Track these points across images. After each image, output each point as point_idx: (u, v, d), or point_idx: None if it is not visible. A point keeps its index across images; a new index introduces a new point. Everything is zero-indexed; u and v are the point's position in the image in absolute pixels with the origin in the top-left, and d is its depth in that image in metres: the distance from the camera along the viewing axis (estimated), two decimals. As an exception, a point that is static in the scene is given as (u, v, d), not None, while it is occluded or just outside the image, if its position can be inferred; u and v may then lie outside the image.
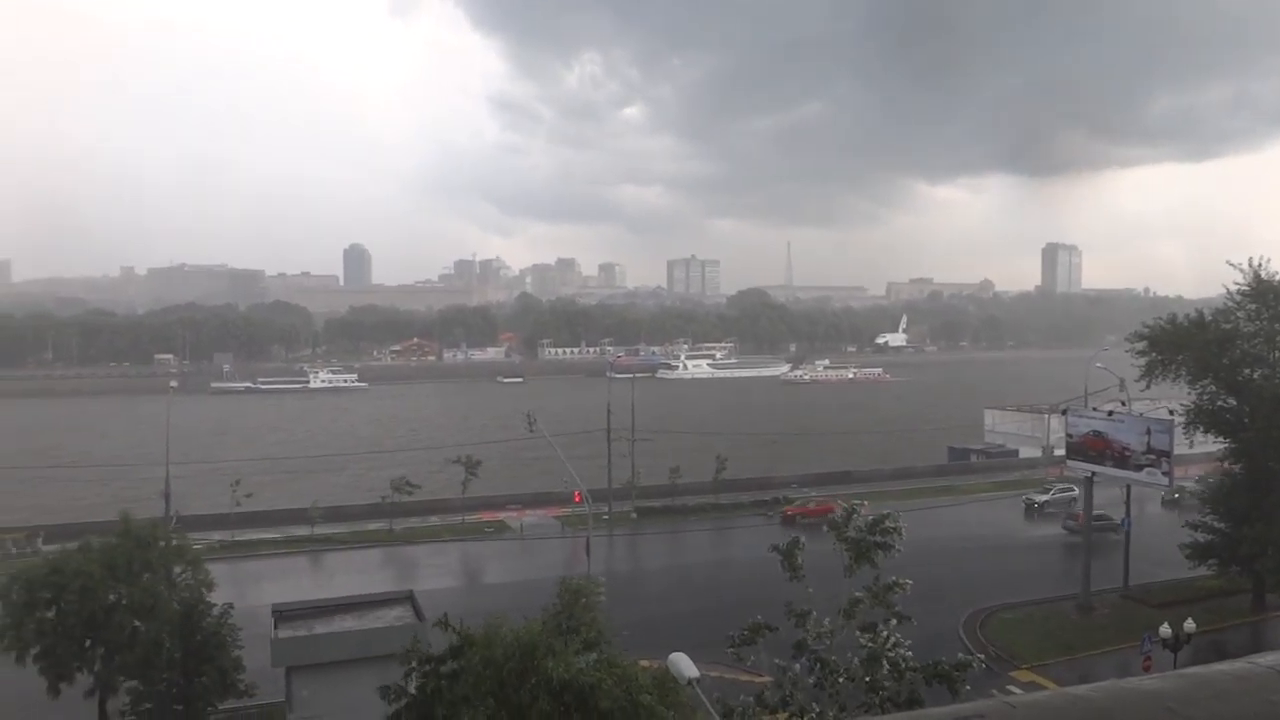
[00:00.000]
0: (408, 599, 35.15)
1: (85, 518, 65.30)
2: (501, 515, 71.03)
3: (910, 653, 21.65)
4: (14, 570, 33.01)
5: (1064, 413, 55.67)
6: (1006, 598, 49.25)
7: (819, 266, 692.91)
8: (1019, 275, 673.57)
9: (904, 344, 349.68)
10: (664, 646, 19.75)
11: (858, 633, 22.33)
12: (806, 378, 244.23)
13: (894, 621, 22.39)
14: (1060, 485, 74.48)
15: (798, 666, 22.51)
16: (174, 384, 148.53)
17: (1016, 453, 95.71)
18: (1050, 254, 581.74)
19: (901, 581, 23.33)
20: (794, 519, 68.01)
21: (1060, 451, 67.94)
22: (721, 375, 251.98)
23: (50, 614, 30.26)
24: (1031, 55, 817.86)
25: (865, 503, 25.94)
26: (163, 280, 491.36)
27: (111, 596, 30.50)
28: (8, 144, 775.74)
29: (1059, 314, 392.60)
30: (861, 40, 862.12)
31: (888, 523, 24.36)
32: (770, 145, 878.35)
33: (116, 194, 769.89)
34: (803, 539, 25.34)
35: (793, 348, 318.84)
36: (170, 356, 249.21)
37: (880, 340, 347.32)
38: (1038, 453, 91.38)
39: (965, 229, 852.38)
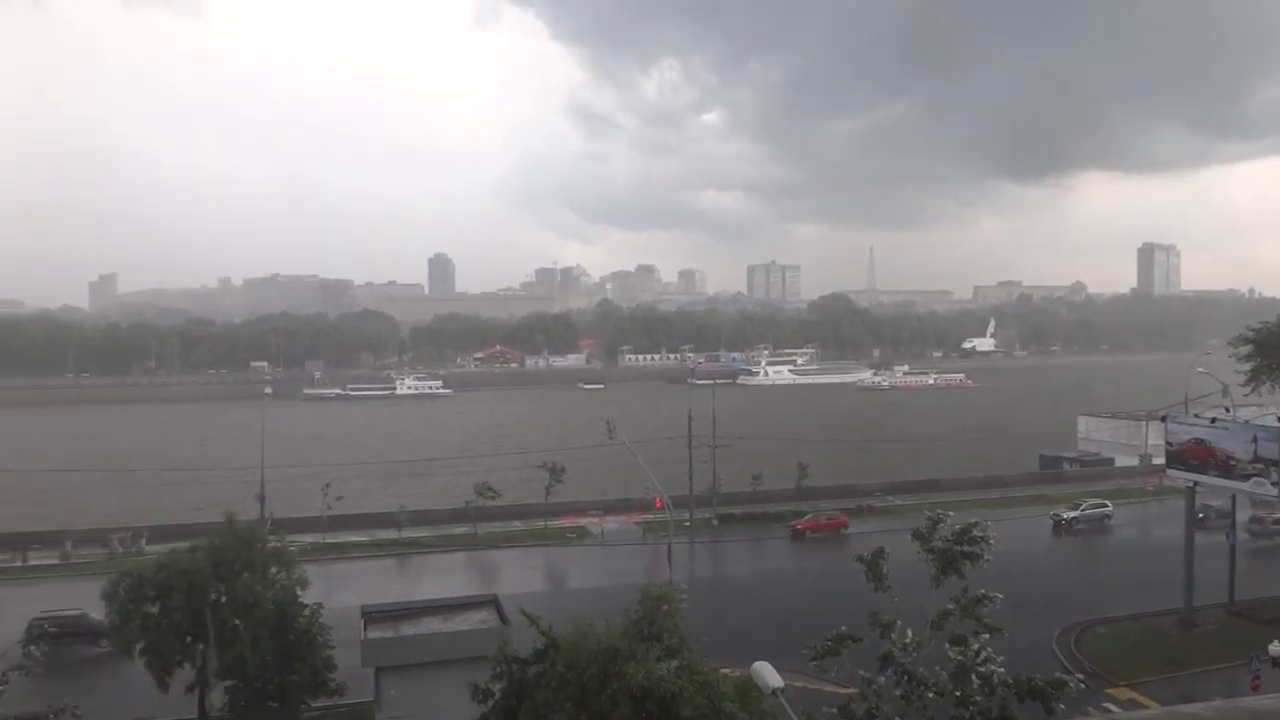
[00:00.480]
0: (492, 603, 35.59)
1: (186, 519, 68.05)
2: (583, 521, 71.48)
3: (1001, 668, 21.04)
4: (122, 569, 34.41)
5: (1163, 419, 53.46)
6: (1102, 611, 47.53)
7: (903, 270, 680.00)
8: (1113, 277, 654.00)
9: (992, 348, 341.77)
10: (746, 655, 19.60)
11: (946, 645, 21.79)
12: (885, 384, 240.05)
13: (986, 635, 21.76)
14: (1091, 501, 70.97)
15: (883, 679, 22.07)
16: (268, 391, 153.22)
17: (1112, 461, 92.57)
18: (1146, 254, 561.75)
19: (991, 594, 22.71)
20: (804, 534, 66.70)
21: (1159, 460, 65.35)
22: (803, 381, 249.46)
23: (154, 609, 31.44)
24: (1126, 48, 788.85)
25: (951, 512, 25.27)
26: (257, 290, 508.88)
27: (212, 595, 31.57)
28: (115, 163, 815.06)
29: (1156, 317, 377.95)
30: (943, 36, 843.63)
31: (975, 532, 23.75)
32: (851, 148, 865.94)
33: (215, 209, 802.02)
34: (887, 549, 24.86)
35: (876, 353, 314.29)
36: (264, 364, 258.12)
37: (967, 345, 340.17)
38: (1135, 461, 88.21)
39: (1055, 230, 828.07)
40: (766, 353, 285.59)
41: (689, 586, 32.65)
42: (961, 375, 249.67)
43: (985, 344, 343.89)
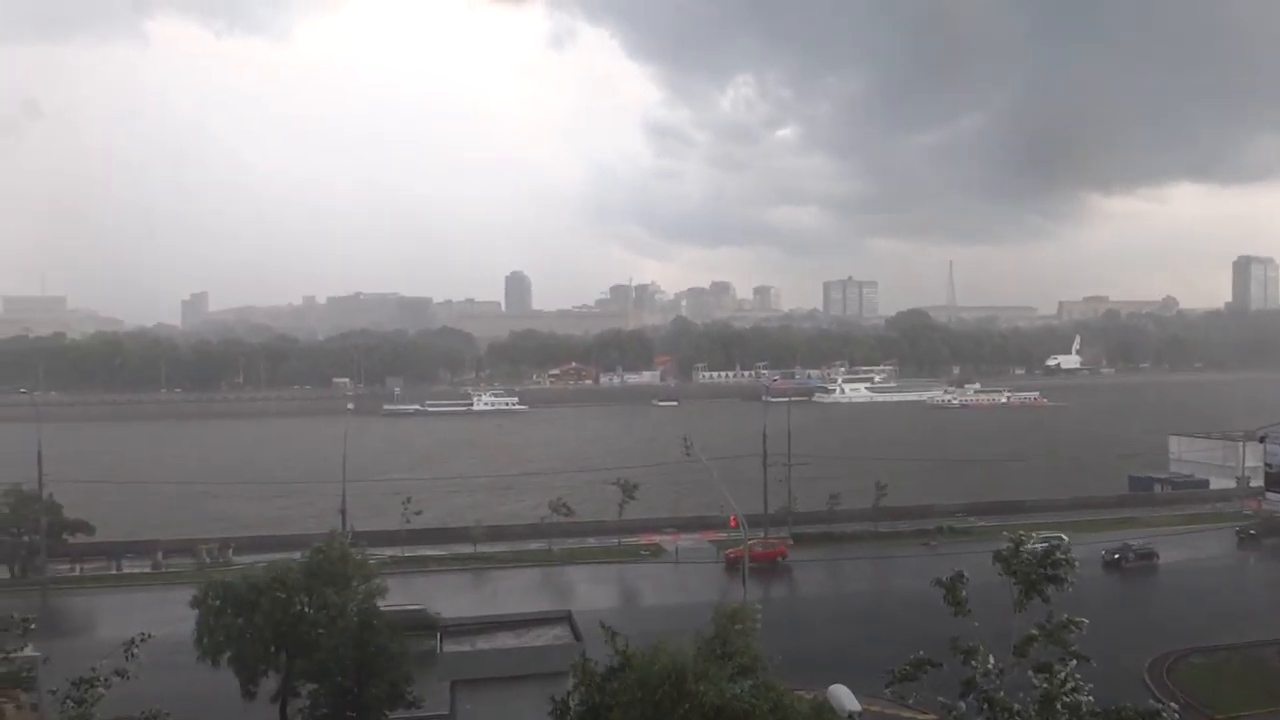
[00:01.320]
0: (565, 619, 35.74)
1: (271, 531, 70.06)
2: (657, 538, 71.42)
3: (1090, 696, 20.26)
4: (210, 578, 35.42)
5: (1262, 440, 51.34)
6: (1199, 640, 45.58)
7: (984, 286, 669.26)
8: (1207, 292, 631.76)
9: (1077, 366, 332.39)
10: (820, 677, 19.32)
11: (1031, 672, 21.09)
12: (955, 402, 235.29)
13: (1072, 662, 21.00)
14: (1043, 535, 66.12)
15: (963, 705, 21.45)
16: (350, 406, 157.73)
17: (1207, 483, 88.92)
18: (1243, 268, 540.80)
19: (1077, 619, 21.92)
20: (736, 563, 63.69)
21: (1257, 482, 62.72)
22: (880, 399, 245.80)
23: (239, 620, 32.24)
24: (1223, 53, 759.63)
25: (1033, 534, 24.53)
26: (340, 308, 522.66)
27: (297, 606, 32.29)
28: (208, 187, 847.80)
29: (1253, 333, 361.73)
30: (1028, 46, 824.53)
31: (1059, 554, 23.01)
32: (931, 160, 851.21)
33: (301, 229, 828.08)
34: (966, 573, 24.23)
35: (956, 370, 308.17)
36: (346, 380, 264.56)
37: (1051, 362, 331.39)
38: (1231, 483, 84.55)
39: (1145, 243, 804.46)
40: (843, 370, 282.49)
41: (762, 605, 32.31)
42: (1036, 394, 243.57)
43: (1070, 361, 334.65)
